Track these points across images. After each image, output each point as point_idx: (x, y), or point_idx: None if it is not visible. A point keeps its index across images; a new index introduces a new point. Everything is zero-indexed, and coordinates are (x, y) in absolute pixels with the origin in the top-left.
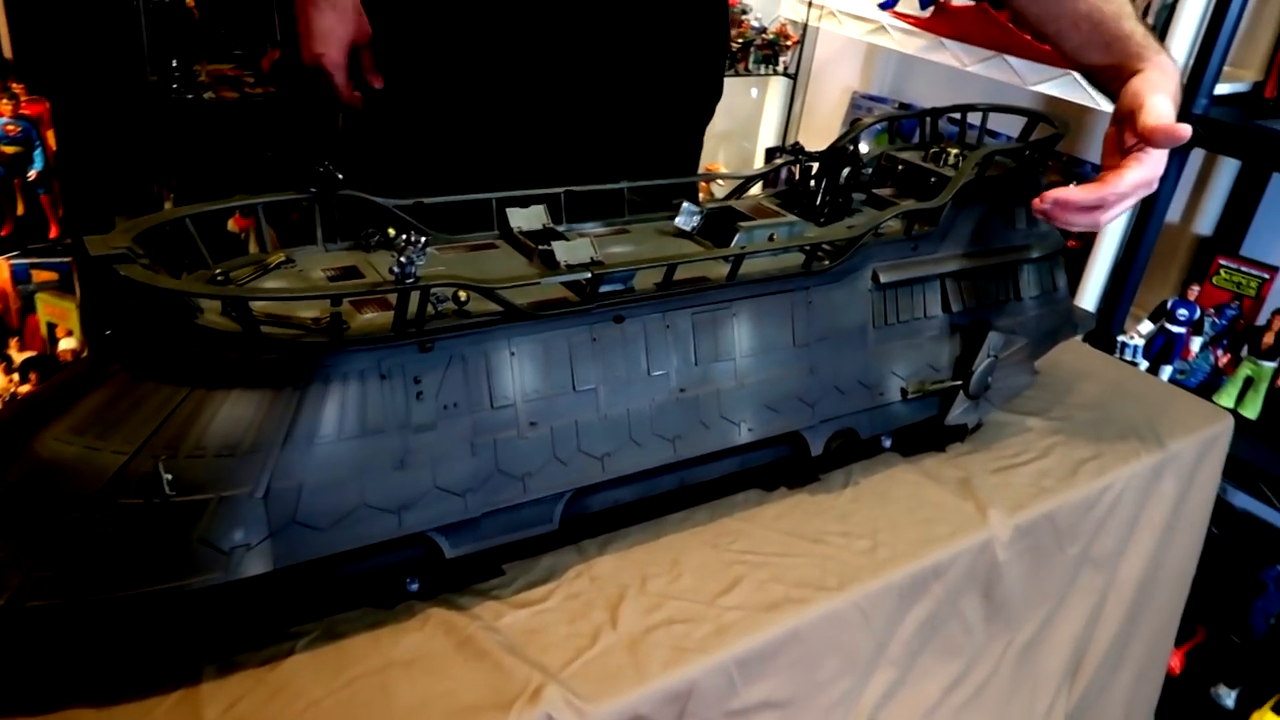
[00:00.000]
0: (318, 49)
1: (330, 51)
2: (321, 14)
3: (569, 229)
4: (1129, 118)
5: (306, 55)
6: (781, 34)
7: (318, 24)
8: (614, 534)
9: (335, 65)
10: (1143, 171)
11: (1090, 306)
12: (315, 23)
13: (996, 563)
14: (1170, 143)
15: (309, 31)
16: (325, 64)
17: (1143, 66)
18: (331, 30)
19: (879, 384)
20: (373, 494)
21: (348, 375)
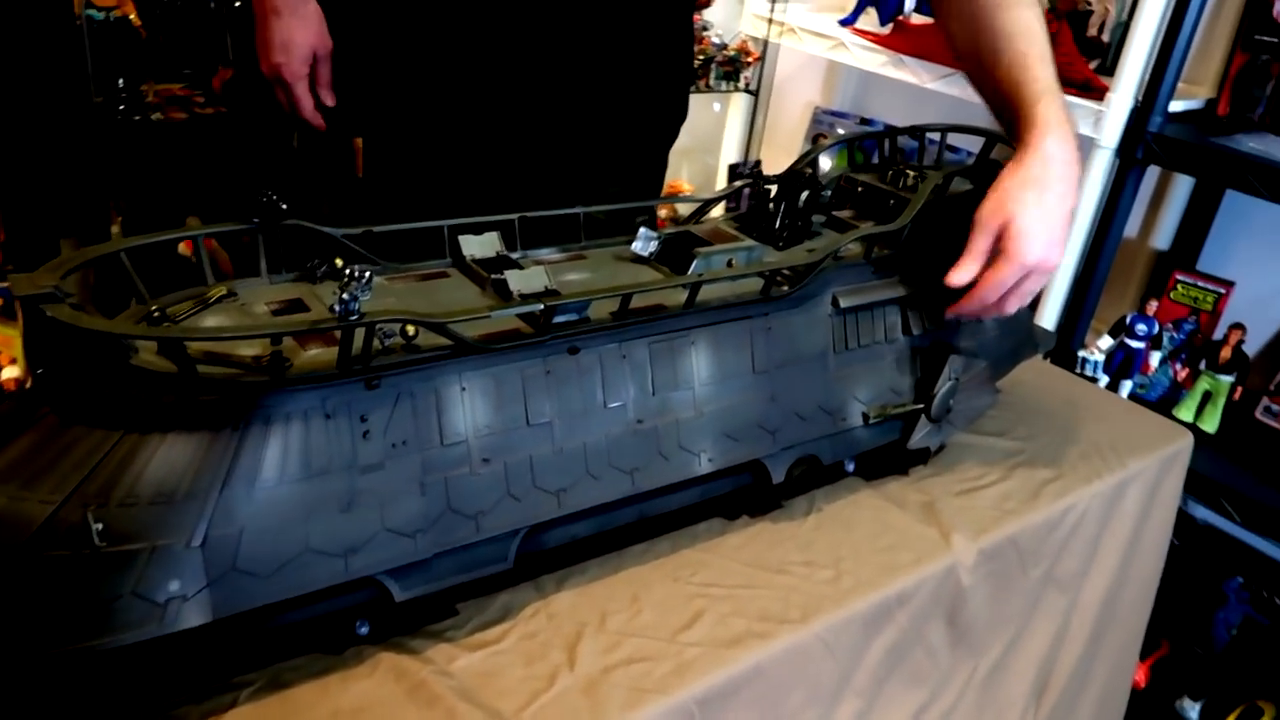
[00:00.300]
0: (277, 59)
1: (291, 62)
2: (284, 23)
3: (523, 256)
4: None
5: (265, 66)
6: (743, 50)
7: (279, 33)
8: (572, 568)
9: (296, 76)
10: (1000, 280)
11: (1051, 322)
12: (277, 32)
13: (961, 588)
14: None
15: (270, 40)
16: (285, 75)
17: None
18: (292, 40)
19: (840, 409)
20: (318, 538)
21: (290, 415)
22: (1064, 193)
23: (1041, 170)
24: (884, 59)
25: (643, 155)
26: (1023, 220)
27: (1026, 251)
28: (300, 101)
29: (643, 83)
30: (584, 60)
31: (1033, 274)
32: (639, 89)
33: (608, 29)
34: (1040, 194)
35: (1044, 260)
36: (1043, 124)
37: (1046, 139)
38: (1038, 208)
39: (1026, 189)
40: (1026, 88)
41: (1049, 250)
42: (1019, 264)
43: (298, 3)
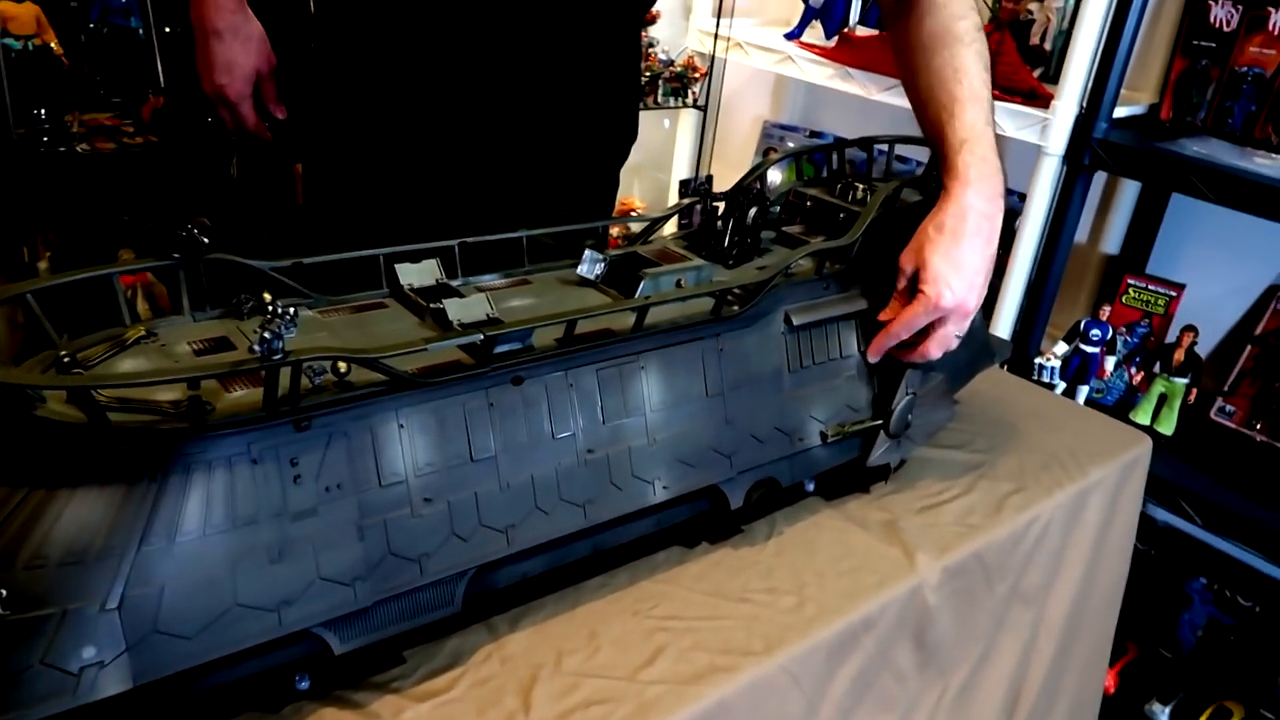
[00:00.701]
0: (220, 80)
1: (234, 83)
2: (225, 44)
3: (464, 283)
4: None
5: (208, 86)
6: (689, 66)
7: (222, 54)
8: (526, 606)
9: (240, 96)
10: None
11: (1006, 330)
12: (219, 53)
13: (927, 608)
14: None
15: (212, 62)
16: (229, 95)
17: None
18: (235, 60)
19: (798, 429)
20: (247, 592)
21: (212, 463)
22: (979, 243)
23: (956, 221)
24: (831, 71)
25: (593, 176)
26: (935, 265)
27: (937, 295)
28: (245, 120)
29: (592, 102)
30: (531, 80)
31: (949, 318)
32: (588, 109)
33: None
34: (955, 242)
35: (960, 304)
36: (961, 175)
37: (965, 191)
38: (951, 256)
39: (941, 236)
40: (950, 135)
41: (963, 295)
42: (929, 305)
43: (239, 23)
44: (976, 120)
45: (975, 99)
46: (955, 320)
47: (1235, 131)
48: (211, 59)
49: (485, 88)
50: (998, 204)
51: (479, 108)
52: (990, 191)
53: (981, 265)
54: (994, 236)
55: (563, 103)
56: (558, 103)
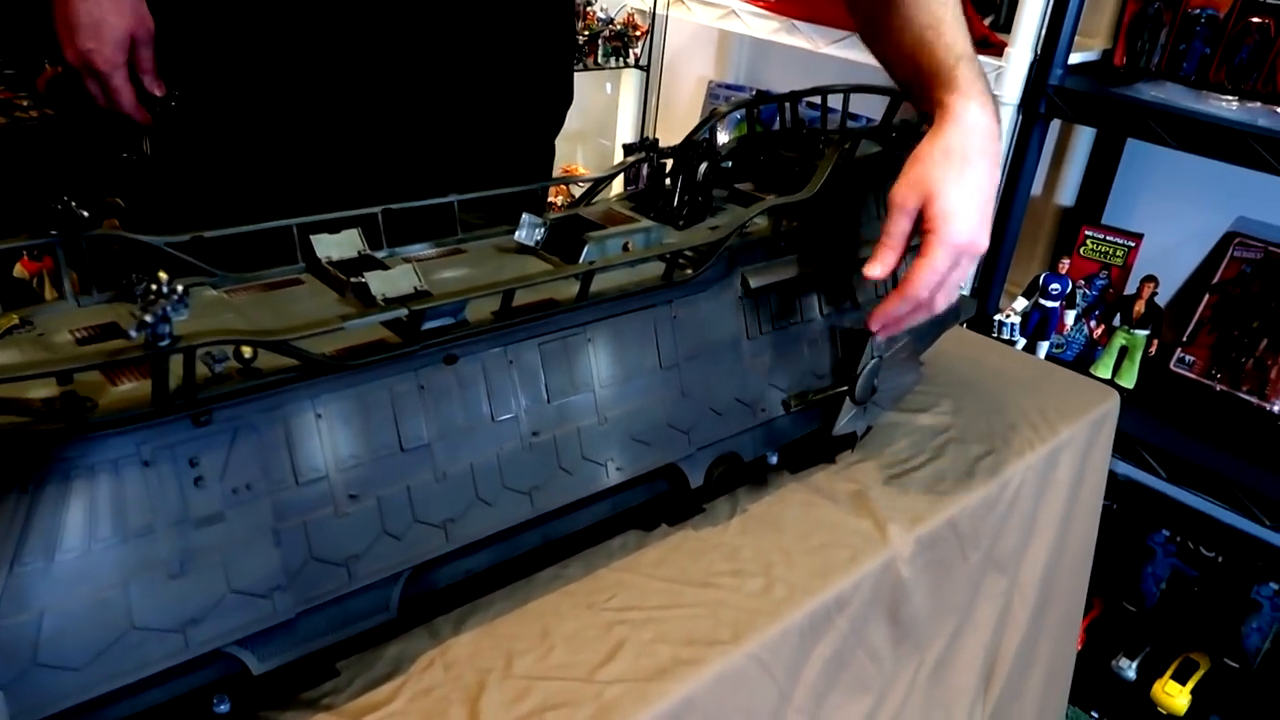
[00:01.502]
0: (86, 44)
1: (103, 48)
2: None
3: (390, 254)
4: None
5: (71, 53)
6: (629, 24)
7: (87, 13)
8: (472, 605)
9: (111, 65)
10: (933, 266)
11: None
12: (84, 11)
13: (901, 581)
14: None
15: (75, 22)
16: (97, 63)
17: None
18: (104, 20)
19: (759, 399)
20: (145, 612)
21: (95, 467)
22: (989, 167)
23: (963, 140)
24: (776, 25)
25: (525, 144)
26: (947, 198)
27: (955, 232)
28: (118, 94)
29: (519, 63)
30: (449, 38)
31: (961, 260)
32: (514, 70)
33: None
34: (963, 167)
35: (973, 242)
36: (964, 88)
37: (969, 105)
38: (961, 183)
39: (949, 162)
40: (943, 51)
41: (977, 231)
42: (949, 247)
43: None
44: (967, 43)
45: (960, 22)
46: (967, 262)
47: (1190, 75)
48: (74, 19)
49: (398, 46)
50: (999, 131)
51: (392, 68)
52: (993, 108)
53: (991, 196)
54: (998, 165)
55: (486, 64)
56: (480, 63)
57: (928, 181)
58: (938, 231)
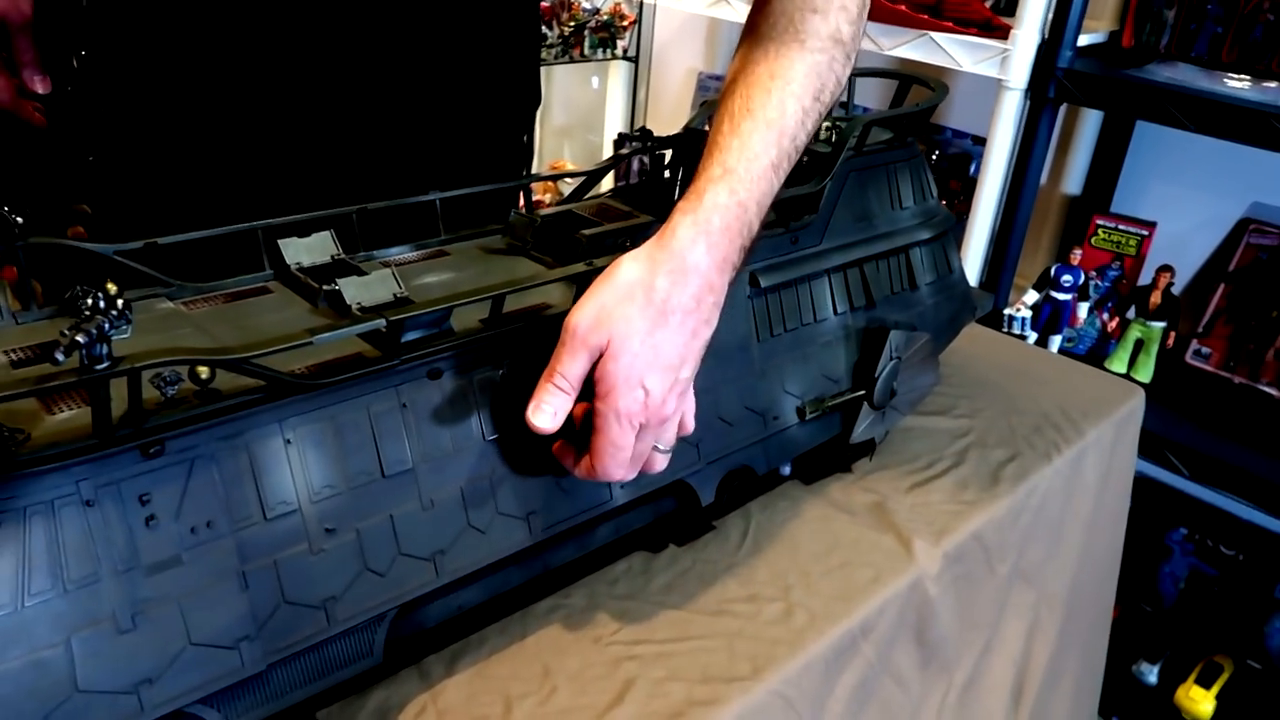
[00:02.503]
0: None
1: None
2: None
3: (367, 259)
4: (599, 351)
5: None
6: (616, 14)
7: None
8: (464, 641)
9: None
10: (613, 443)
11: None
12: None
13: (928, 600)
14: None
15: None
16: None
17: (674, 214)
18: None
19: (771, 407)
20: (91, 672)
21: (29, 510)
22: (692, 328)
23: (669, 284)
24: None
25: (492, 144)
26: (624, 356)
27: (630, 404)
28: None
29: (482, 62)
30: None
31: (649, 430)
32: (478, 69)
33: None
34: (659, 320)
35: (657, 413)
36: (705, 214)
37: (698, 241)
38: (650, 340)
39: (645, 306)
40: (719, 151)
41: (659, 403)
42: (625, 420)
43: None
44: (758, 162)
45: (773, 134)
46: (659, 429)
47: (1202, 56)
48: None
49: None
50: (723, 285)
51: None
52: (731, 261)
53: (686, 360)
54: (710, 323)
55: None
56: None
57: (610, 323)
58: (607, 400)
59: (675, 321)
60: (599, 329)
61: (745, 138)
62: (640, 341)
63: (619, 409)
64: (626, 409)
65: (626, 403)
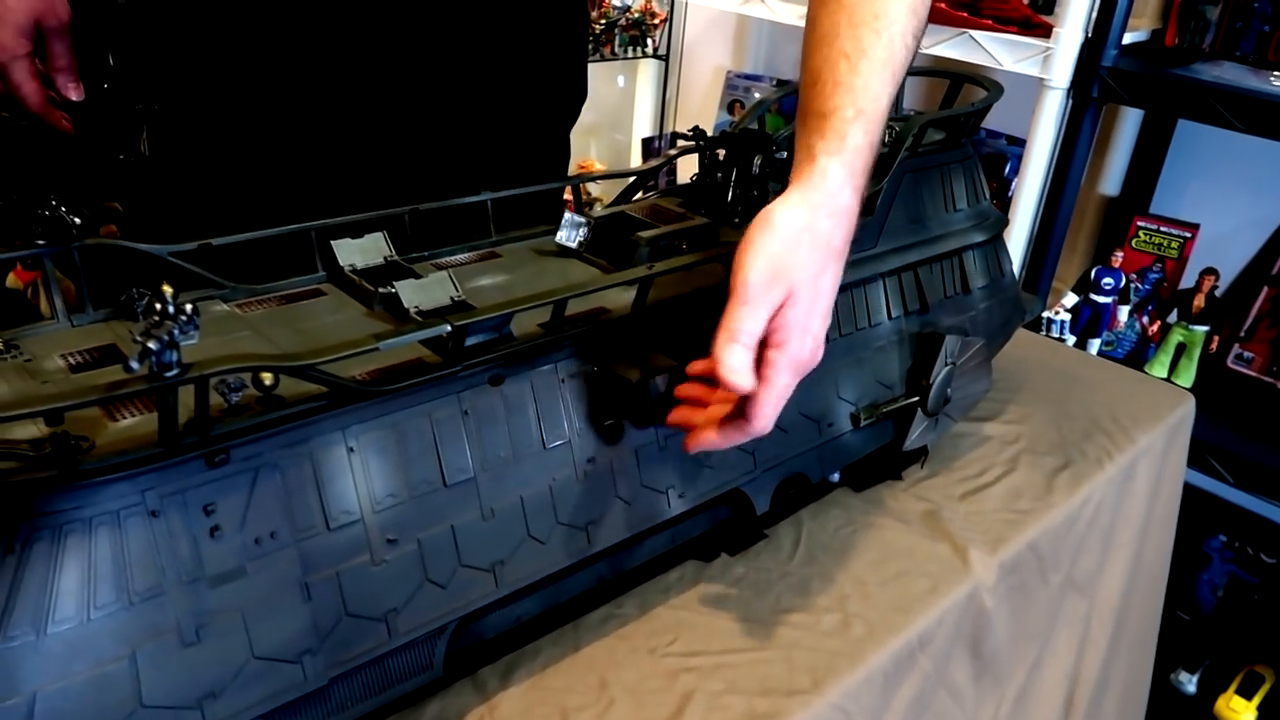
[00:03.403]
0: None
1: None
2: None
3: (418, 260)
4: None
5: None
6: (647, 11)
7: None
8: (519, 652)
9: (8, 53)
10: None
11: None
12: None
13: (984, 612)
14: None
15: None
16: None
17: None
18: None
19: (826, 414)
20: (155, 687)
21: (93, 521)
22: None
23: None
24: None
25: (538, 141)
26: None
27: (801, 350)
28: (19, 91)
29: (531, 58)
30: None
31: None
32: (527, 65)
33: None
34: (826, 264)
35: (814, 361)
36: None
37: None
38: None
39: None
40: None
41: (818, 348)
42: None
43: None
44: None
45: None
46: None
47: (1248, 54)
48: None
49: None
50: None
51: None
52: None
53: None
54: None
55: (497, 58)
56: (492, 57)
57: (787, 273)
58: (784, 349)
59: (835, 263)
60: (777, 282)
61: (866, 78)
62: (812, 286)
63: (792, 356)
64: (797, 355)
65: (798, 349)
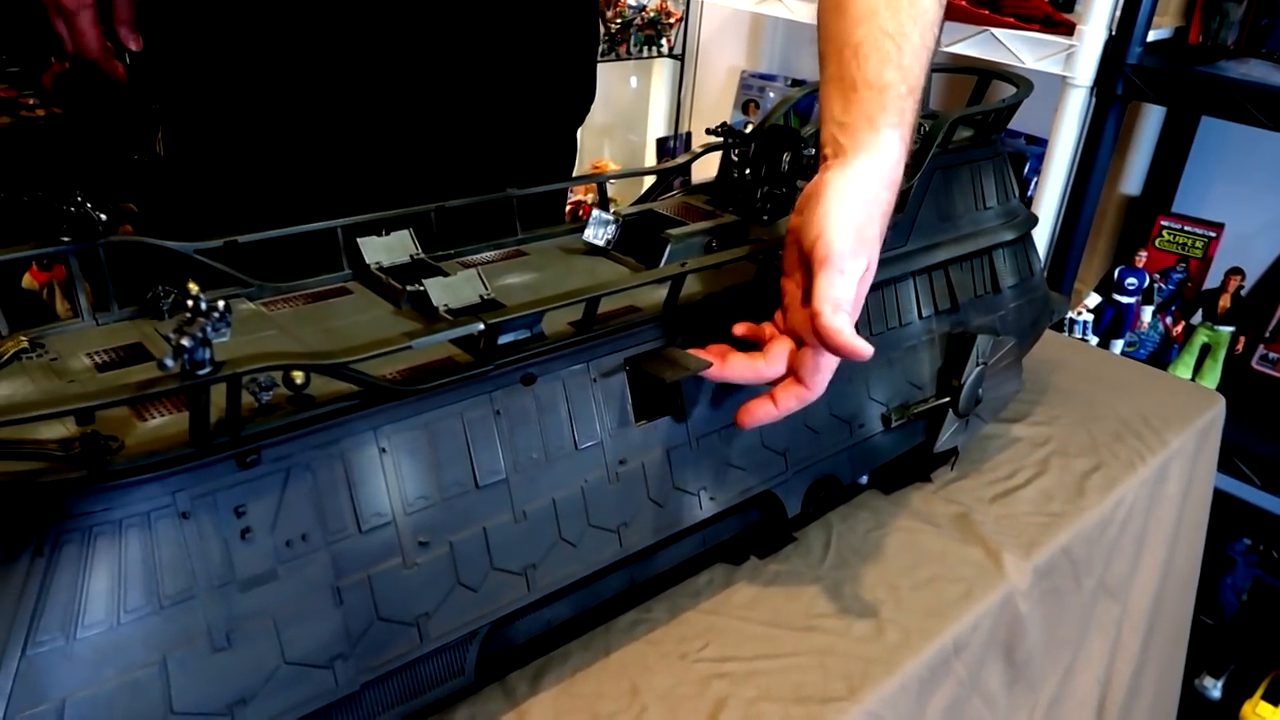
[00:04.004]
0: None
1: None
2: None
3: (444, 258)
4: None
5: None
6: (663, 11)
7: None
8: (547, 657)
9: (78, 5)
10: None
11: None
12: None
13: (1019, 617)
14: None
15: None
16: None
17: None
18: None
19: (857, 414)
20: (185, 693)
21: (123, 523)
22: None
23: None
24: None
25: (545, 140)
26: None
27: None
28: (83, 38)
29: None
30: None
31: None
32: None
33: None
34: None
35: None
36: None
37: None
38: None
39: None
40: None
41: None
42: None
43: None
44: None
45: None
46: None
47: (1274, 51)
48: None
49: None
50: None
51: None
52: None
53: None
54: None
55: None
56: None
57: (867, 244)
58: (855, 315)
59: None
60: (861, 250)
61: (910, 59)
62: (878, 257)
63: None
64: (853, 321)
65: (856, 314)
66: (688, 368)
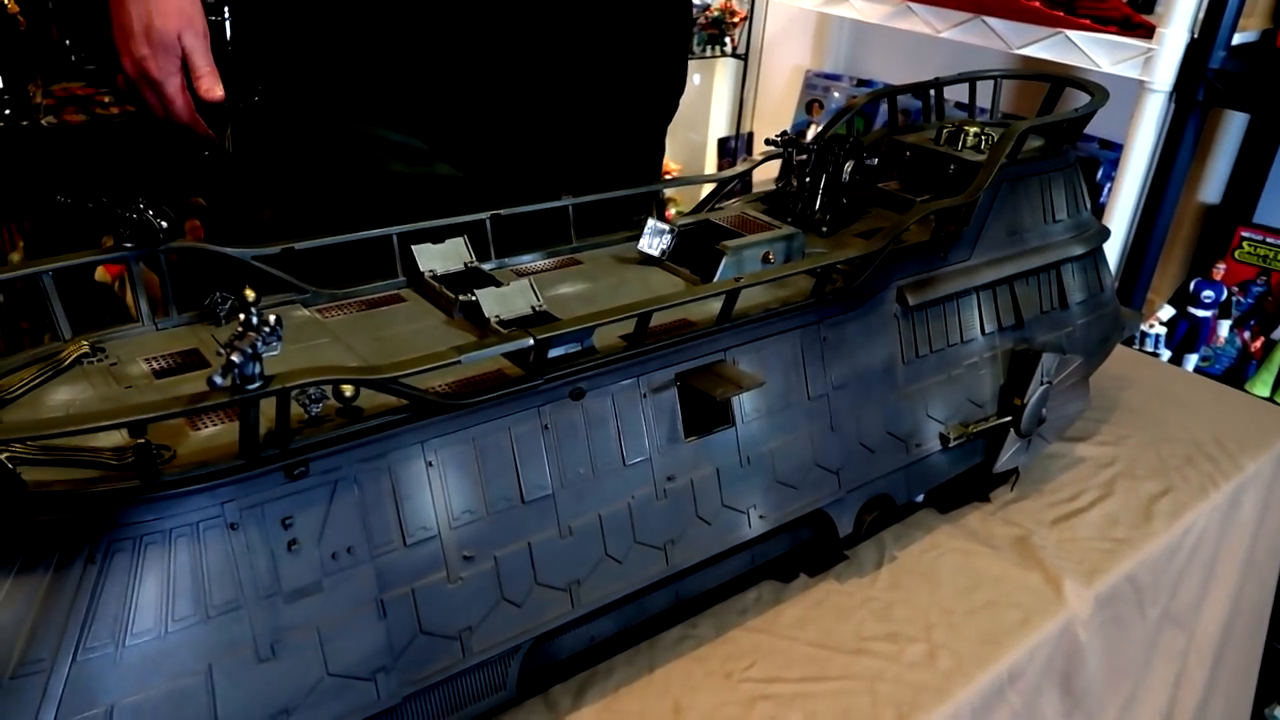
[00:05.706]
0: (139, 50)
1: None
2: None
3: (500, 266)
4: None
5: (127, 62)
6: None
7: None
8: (591, 671)
9: (164, 72)
10: None
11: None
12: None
13: (1078, 646)
14: None
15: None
16: (151, 71)
17: None
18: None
19: (915, 433)
20: (230, 703)
21: (173, 533)
22: None
23: None
24: (889, 9)
25: (637, 137)
26: None
27: None
28: (173, 105)
29: (635, 46)
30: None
31: None
32: (631, 54)
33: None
34: None
35: None
36: None
37: None
38: None
39: None
40: None
41: None
42: None
43: None
44: None
45: None
46: None
47: None
48: (126, 20)
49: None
50: None
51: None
52: None
53: None
54: None
55: (601, 45)
56: (596, 45)
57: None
58: None
59: None
60: None
61: None
62: None
63: None
64: None
65: None
66: (740, 385)
